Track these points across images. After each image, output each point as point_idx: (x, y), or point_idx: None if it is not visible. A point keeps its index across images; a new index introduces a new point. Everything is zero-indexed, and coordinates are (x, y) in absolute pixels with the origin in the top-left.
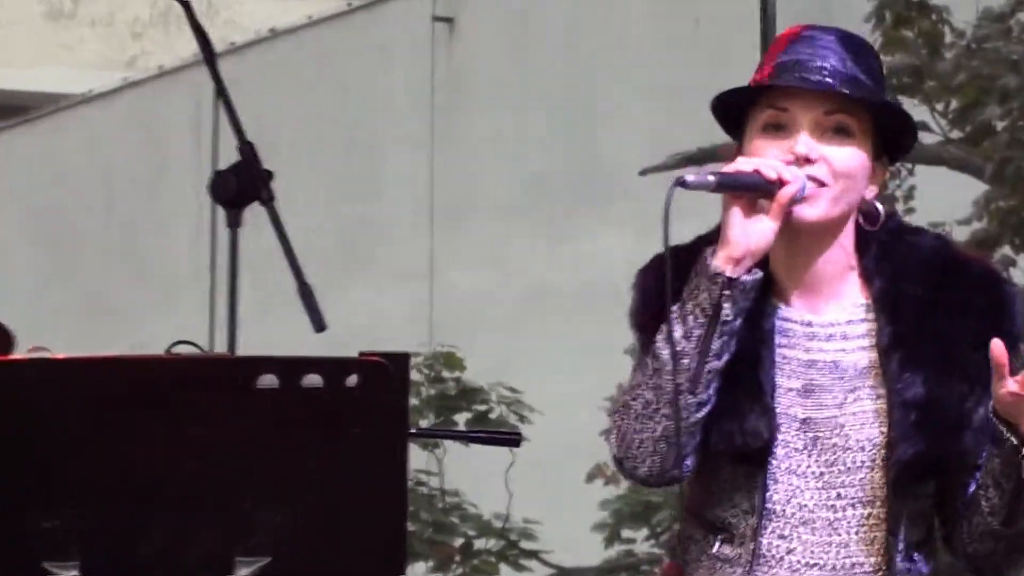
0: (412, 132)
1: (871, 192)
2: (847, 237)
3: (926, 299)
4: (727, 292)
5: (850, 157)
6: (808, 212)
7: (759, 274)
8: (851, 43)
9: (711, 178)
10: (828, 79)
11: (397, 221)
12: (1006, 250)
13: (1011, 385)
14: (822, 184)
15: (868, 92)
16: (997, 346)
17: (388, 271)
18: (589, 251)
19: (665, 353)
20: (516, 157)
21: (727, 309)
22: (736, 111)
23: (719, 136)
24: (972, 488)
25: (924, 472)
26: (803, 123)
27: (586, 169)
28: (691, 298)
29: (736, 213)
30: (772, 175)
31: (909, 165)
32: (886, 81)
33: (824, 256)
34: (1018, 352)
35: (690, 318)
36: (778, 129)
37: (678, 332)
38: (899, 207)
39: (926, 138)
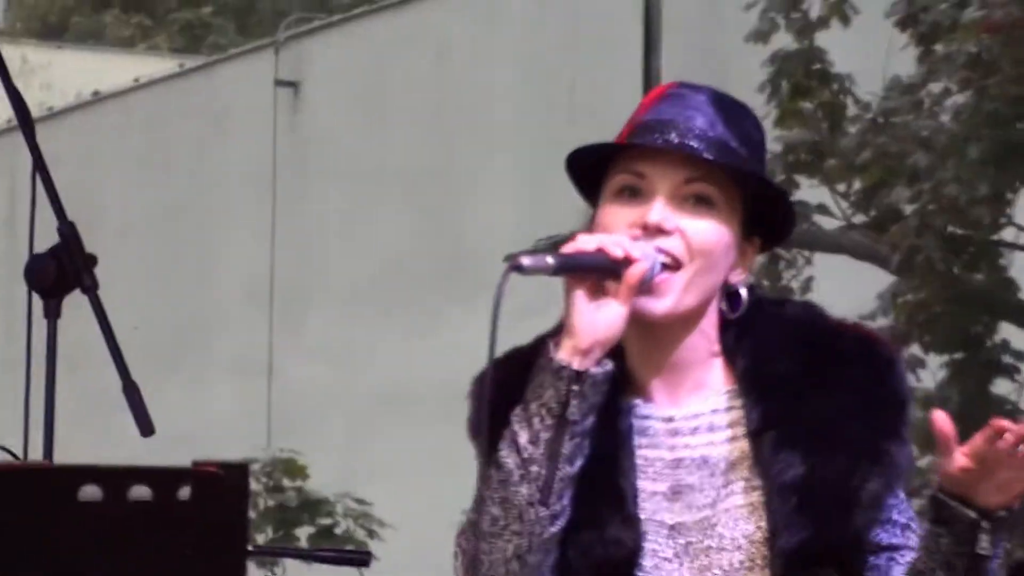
0: (251, 209)
1: (738, 275)
2: (708, 323)
3: (795, 375)
4: (575, 388)
5: (710, 231)
6: (657, 306)
7: (609, 366)
8: (724, 104)
9: (549, 260)
10: (690, 142)
11: (233, 310)
12: (915, 349)
13: (960, 460)
14: (676, 261)
15: (737, 160)
16: (940, 418)
17: (223, 365)
18: (449, 345)
19: (510, 462)
20: (368, 239)
21: (575, 407)
22: (593, 173)
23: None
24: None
25: (813, 562)
26: (660, 190)
27: (447, 253)
28: (535, 398)
29: (580, 298)
30: (618, 253)
31: (807, 253)
32: (784, 158)
33: (682, 345)
34: (906, 418)
35: (535, 420)
36: (633, 195)
37: (523, 437)
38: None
39: (826, 223)
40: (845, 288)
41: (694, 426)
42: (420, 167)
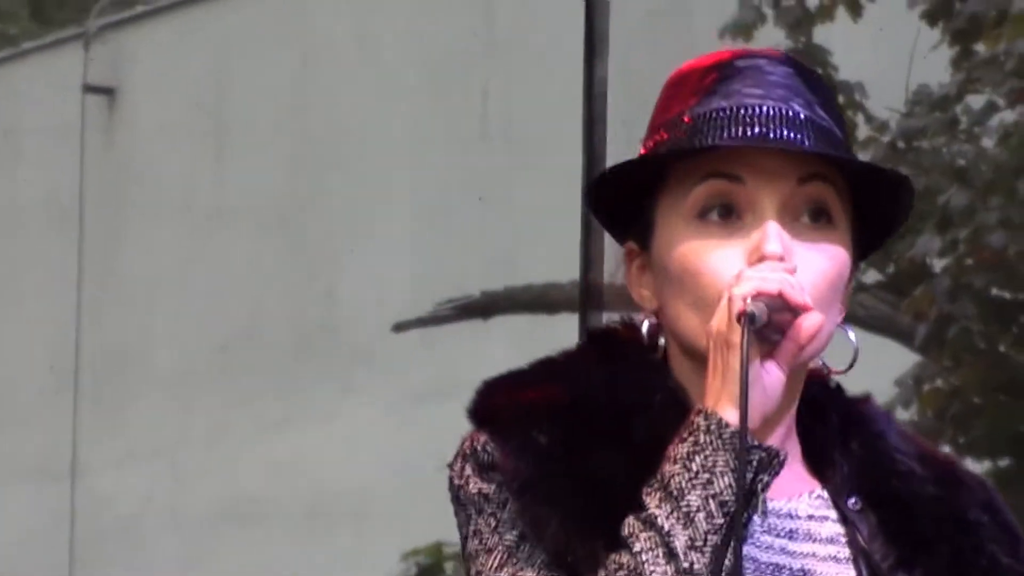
0: (50, 255)
1: (838, 315)
2: (800, 392)
3: (931, 500)
4: (764, 478)
5: (835, 261)
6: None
7: (785, 451)
8: (809, 77)
9: (764, 308)
10: (795, 134)
11: (25, 392)
12: (945, 450)
13: None
14: (802, 309)
15: (846, 152)
16: None
17: (12, 465)
18: (316, 440)
19: (657, 572)
20: (207, 297)
21: (761, 501)
22: (630, 197)
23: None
24: None
25: None
26: (767, 203)
27: (315, 316)
28: (695, 483)
29: (755, 357)
30: (800, 299)
31: None
32: None
33: (787, 419)
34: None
35: (700, 516)
36: (726, 214)
37: (681, 540)
38: None
39: None
40: (856, 371)
41: (790, 528)
42: (278, 200)
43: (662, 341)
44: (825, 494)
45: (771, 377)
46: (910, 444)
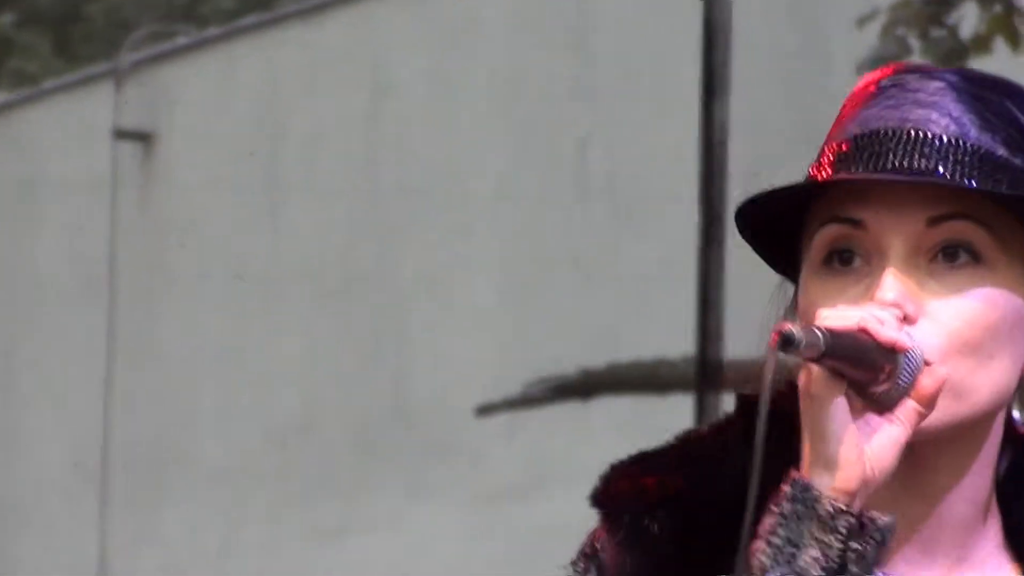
0: (76, 327)
1: None
2: (991, 448)
3: None
4: (855, 546)
5: (976, 304)
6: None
7: (892, 518)
8: (975, 88)
9: (819, 336)
10: (925, 162)
11: (48, 488)
12: None
13: None
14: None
15: (1010, 176)
16: None
17: (35, 566)
18: (379, 550)
19: None
20: (256, 387)
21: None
22: (786, 232)
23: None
24: None
25: None
26: (890, 246)
27: (382, 405)
28: (780, 557)
29: (843, 409)
30: (889, 336)
31: None
32: None
33: (951, 482)
34: None
35: None
36: (846, 262)
37: None
38: None
39: None
40: None
41: None
42: (340, 266)
43: None
44: None
45: (883, 435)
46: None
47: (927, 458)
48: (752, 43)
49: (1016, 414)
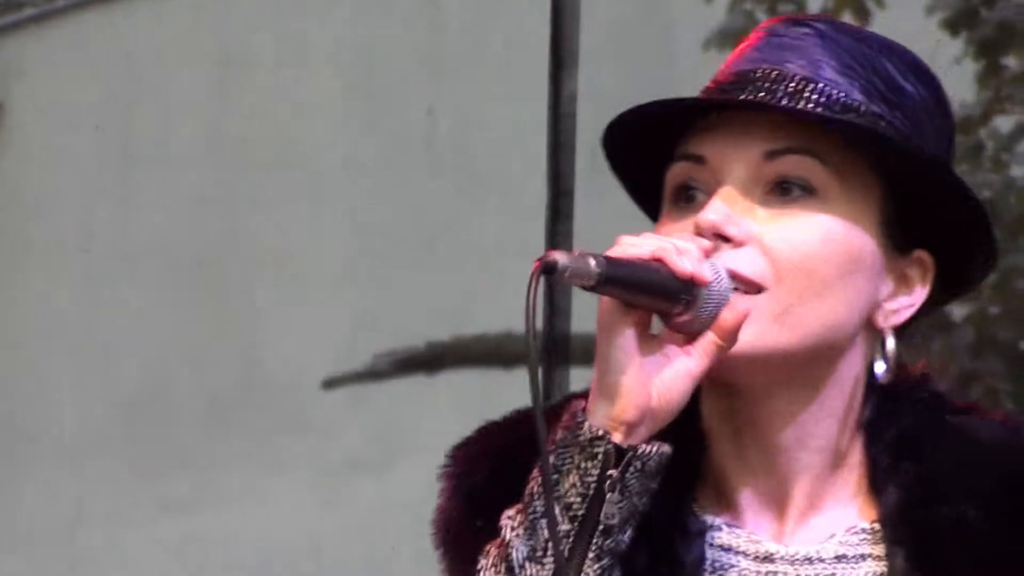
0: None
1: (893, 316)
2: (837, 396)
3: (982, 532)
4: (612, 473)
5: (808, 232)
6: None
7: (667, 448)
8: (846, 38)
9: (593, 263)
10: (771, 97)
11: None
12: None
13: None
14: (751, 284)
15: (860, 117)
16: None
17: None
18: (230, 522)
19: None
20: (106, 353)
21: (612, 505)
22: (652, 165)
23: (456, 323)
24: None
25: None
26: (727, 177)
27: (233, 378)
28: (545, 487)
29: (629, 339)
30: (685, 267)
31: None
32: None
33: (789, 431)
34: None
35: (542, 522)
36: (690, 199)
37: (521, 551)
38: None
39: None
40: None
41: (812, 575)
42: (189, 237)
43: None
44: (871, 528)
45: (674, 367)
46: (1003, 458)
47: (762, 405)
48: (600, 16)
49: (877, 367)
